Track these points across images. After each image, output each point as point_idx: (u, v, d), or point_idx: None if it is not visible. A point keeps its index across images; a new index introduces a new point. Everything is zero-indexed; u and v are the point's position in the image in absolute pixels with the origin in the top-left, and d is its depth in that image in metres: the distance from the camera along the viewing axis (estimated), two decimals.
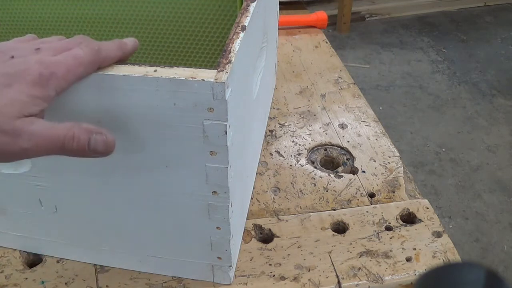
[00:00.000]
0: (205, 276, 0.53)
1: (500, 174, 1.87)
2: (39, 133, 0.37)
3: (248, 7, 0.51)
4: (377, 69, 2.48)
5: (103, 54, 0.41)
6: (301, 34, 1.00)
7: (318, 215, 0.61)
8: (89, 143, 0.39)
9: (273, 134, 0.74)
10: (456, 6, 3.01)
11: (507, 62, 2.53)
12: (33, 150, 0.37)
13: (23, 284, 0.53)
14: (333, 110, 0.79)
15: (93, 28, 0.67)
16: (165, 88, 0.40)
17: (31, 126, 0.37)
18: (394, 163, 0.69)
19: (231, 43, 0.44)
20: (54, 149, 0.38)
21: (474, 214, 1.72)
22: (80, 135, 0.38)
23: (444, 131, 2.08)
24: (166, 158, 0.45)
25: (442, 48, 2.65)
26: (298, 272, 0.54)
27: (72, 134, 0.38)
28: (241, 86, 0.48)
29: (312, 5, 2.54)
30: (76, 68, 0.39)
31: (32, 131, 0.37)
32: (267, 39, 0.65)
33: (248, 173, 0.61)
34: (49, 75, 0.38)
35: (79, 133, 0.38)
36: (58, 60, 0.39)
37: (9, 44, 0.42)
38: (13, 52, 0.40)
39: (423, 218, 0.61)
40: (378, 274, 0.54)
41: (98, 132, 0.39)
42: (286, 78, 0.87)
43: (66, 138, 0.38)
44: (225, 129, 0.41)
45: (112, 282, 0.53)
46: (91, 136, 0.39)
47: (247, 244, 0.58)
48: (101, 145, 0.39)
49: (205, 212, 0.47)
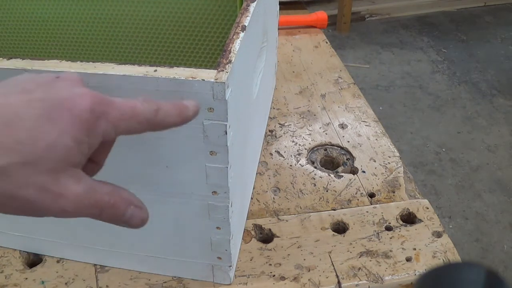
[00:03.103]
0: (205, 276, 0.53)
1: (500, 174, 1.87)
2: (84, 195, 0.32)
3: (248, 7, 0.51)
4: (377, 69, 2.48)
5: (160, 116, 0.35)
6: (301, 34, 1.00)
7: (318, 215, 0.61)
8: (125, 214, 0.34)
9: (273, 134, 0.74)
10: (456, 6, 3.01)
11: (507, 62, 2.53)
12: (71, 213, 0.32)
13: (23, 284, 0.53)
14: (333, 110, 0.79)
15: (93, 28, 0.67)
16: (165, 88, 0.40)
17: (77, 185, 0.31)
18: (394, 163, 0.69)
19: (231, 43, 0.44)
20: (91, 214, 0.33)
21: (474, 214, 1.72)
22: (120, 205, 0.34)
23: (444, 131, 2.08)
24: (166, 158, 0.45)
25: (442, 48, 2.65)
26: (298, 272, 0.54)
27: (113, 203, 0.33)
28: (241, 86, 0.48)
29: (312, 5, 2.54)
30: (129, 118, 0.33)
31: (78, 193, 0.31)
32: (267, 39, 0.65)
33: (248, 173, 0.61)
34: (100, 113, 0.32)
35: (119, 203, 0.34)
36: (112, 100, 0.33)
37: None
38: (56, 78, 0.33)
39: (423, 218, 0.61)
40: (378, 274, 0.54)
41: (138, 206, 0.35)
42: (286, 78, 0.87)
43: (106, 206, 0.33)
44: (225, 129, 0.41)
45: (112, 282, 0.53)
46: (129, 207, 0.34)
47: (247, 244, 0.58)
48: (137, 220, 0.35)
49: (205, 212, 0.47)
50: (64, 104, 0.31)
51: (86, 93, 0.32)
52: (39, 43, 0.71)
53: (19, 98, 0.30)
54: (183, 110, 0.36)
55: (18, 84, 0.32)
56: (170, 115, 0.35)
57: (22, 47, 0.71)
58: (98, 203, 0.33)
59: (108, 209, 0.33)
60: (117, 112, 0.32)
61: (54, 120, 0.30)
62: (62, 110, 0.30)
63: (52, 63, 0.42)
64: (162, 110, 0.35)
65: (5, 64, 0.42)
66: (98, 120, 0.31)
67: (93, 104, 0.31)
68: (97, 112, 0.31)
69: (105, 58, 0.69)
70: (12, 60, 0.42)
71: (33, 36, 0.70)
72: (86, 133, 0.31)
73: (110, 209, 0.33)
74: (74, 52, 0.70)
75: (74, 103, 0.31)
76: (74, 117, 0.30)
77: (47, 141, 0.30)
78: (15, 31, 0.70)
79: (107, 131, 0.32)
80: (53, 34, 0.69)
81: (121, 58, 0.69)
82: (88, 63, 0.41)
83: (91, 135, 0.31)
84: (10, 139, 0.29)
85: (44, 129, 0.30)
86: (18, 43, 0.71)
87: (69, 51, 0.70)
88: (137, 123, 0.34)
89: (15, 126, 0.29)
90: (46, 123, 0.30)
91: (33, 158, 0.29)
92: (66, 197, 0.31)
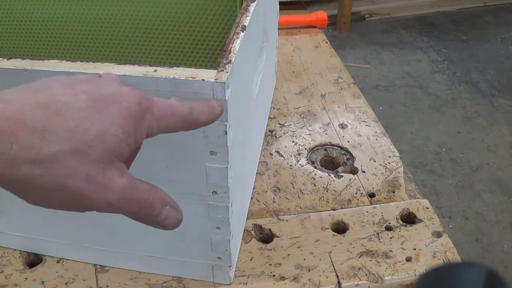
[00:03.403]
0: (205, 276, 0.53)
1: (500, 174, 1.87)
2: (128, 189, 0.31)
3: (248, 7, 0.51)
4: (377, 69, 2.48)
5: (194, 114, 0.36)
6: (301, 34, 1.00)
7: (318, 215, 0.61)
8: (160, 215, 0.34)
9: (273, 134, 0.74)
10: (456, 6, 3.01)
11: (507, 62, 2.53)
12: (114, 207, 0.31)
13: (23, 284, 0.53)
14: (333, 110, 0.79)
15: (93, 28, 0.67)
16: (165, 88, 0.40)
17: (122, 178, 0.31)
18: (394, 163, 0.69)
19: (231, 43, 0.44)
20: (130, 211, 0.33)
21: (474, 214, 1.72)
22: (156, 204, 0.34)
23: (444, 131, 2.08)
24: (166, 158, 0.45)
25: (442, 48, 2.65)
26: (298, 272, 0.54)
27: (150, 201, 0.33)
28: (241, 86, 0.48)
29: (312, 5, 2.54)
30: (170, 116, 0.34)
31: (123, 186, 0.31)
32: (267, 39, 0.65)
33: (248, 173, 0.61)
34: (146, 108, 0.32)
35: (156, 202, 0.34)
36: (153, 99, 0.33)
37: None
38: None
39: (423, 218, 0.61)
40: (378, 274, 0.54)
41: (174, 206, 0.35)
42: (286, 78, 0.87)
43: (145, 205, 0.33)
44: (225, 129, 0.41)
45: (112, 282, 0.53)
46: (165, 207, 0.34)
47: (247, 244, 0.58)
48: (173, 221, 0.35)
49: (205, 212, 0.47)
50: (112, 97, 0.31)
51: (131, 90, 0.32)
52: (39, 43, 0.71)
53: (65, 91, 0.31)
54: (212, 109, 0.38)
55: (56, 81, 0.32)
56: (202, 113, 0.37)
57: (22, 47, 0.71)
58: (139, 200, 0.32)
59: (146, 208, 0.33)
60: (159, 109, 0.33)
61: (103, 111, 0.30)
62: (110, 103, 0.31)
63: (52, 63, 0.42)
64: (195, 109, 0.36)
65: (5, 64, 0.42)
66: (145, 114, 0.32)
67: (139, 99, 0.32)
68: (144, 107, 0.32)
69: (105, 58, 0.69)
70: (12, 60, 0.42)
71: (33, 36, 0.70)
72: (134, 126, 0.31)
73: (148, 208, 0.33)
74: (74, 52, 0.70)
75: (122, 97, 0.31)
76: (123, 109, 0.31)
77: (96, 130, 0.30)
78: (15, 31, 0.70)
79: (152, 126, 0.33)
80: (53, 34, 0.69)
81: (121, 58, 0.69)
82: (88, 63, 0.41)
83: (138, 129, 0.32)
84: (61, 127, 0.29)
85: (93, 119, 0.30)
86: (18, 43, 0.71)
87: (69, 51, 0.70)
88: (176, 121, 0.34)
89: (65, 115, 0.29)
90: (95, 114, 0.30)
91: (83, 147, 0.29)
92: (112, 189, 0.31)
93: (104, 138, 0.30)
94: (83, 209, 0.32)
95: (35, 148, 0.28)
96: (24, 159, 0.28)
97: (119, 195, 0.31)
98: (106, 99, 0.31)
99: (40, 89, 0.31)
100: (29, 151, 0.28)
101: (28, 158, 0.28)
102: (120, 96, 0.31)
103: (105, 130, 0.30)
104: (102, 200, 0.31)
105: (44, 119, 0.29)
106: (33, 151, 0.28)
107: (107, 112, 0.30)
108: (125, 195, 0.31)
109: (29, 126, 0.29)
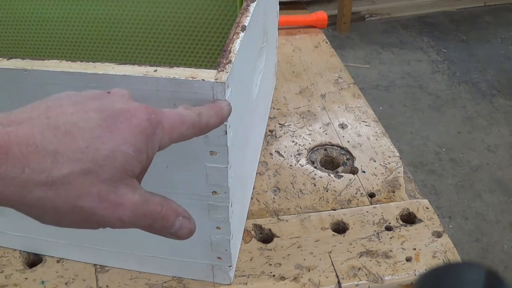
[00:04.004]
0: (205, 276, 0.53)
1: (500, 174, 1.87)
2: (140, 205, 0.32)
3: (248, 7, 0.51)
4: (377, 69, 2.48)
5: (204, 119, 0.36)
6: (301, 34, 1.00)
7: (318, 215, 0.61)
8: (174, 226, 0.34)
9: (273, 134, 0.74)
10: (456, 6, 3.01)
11: (507, 62, 2.53)
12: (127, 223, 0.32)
13: (23, 284, 0.53)
14: (333, 110, 0.79)
15: (93, 28, 0.67)
16: (165, 88, 0.40)
17: (134, 195, 0.31)
18: (394, 163, 0.69)
19: (231, 43, 0.44)
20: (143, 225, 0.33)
21: (474, 214, 1.72)
22: (169, 217, 0.34)
23: (444, 131, 2.08)
24: (166, 158, 0.45)
25: (442, 48, 2.65)
26: (298, 272, 0.54)
27: (163, 214, 0.33)
28: (241, 86, 0.48)
29: (312, 5, 2.54)
30: (180, 125, 0.34)
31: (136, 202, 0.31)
32: (267, 39, 0.65)
33: (248, 173, 0.61)
34: (156, 123, 0.32)
35: (168, 214, 0.34)
36: (162, 111, 0.33)
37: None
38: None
39: (423, 218, 0.61)
40: (378, 274, 0.54)
41: (186, 216, 0.35)
42: (286, 78, 0.87)
43: (157, 217, 0.33)
44: (225, 129, 0.41)
45: (112, 282, 0.53)
46: (177, 219, 0.34)
47: (247, 244, 0.58)
48: (186, 232, 0.35)
49: (205, 212, 0.47)
50: (122, 115, 0.31)
51: (140, 105, 0.32)
52: (39, 43, 0.71)
53: (75, 109, 0.31)
54: (219, 111, 0.38)
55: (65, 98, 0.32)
56: (211, 117, 0.37)
57: (22, 47, 0.71)
58: (152, 213, 0.33)
59: (159, 221, 0.33)
60: (169, 121, 0.33)
61: (113, 129, 0.30)
62: (120, 120, 0.31)
63: (52, 63, 0.42)
64: (203, 114, 0.36)
65: (5, 64, 0.42)
66: (155, 129, 0.32)
67: (149, 114, 0.32)
68: (154, 121, 0.32)
69: (105, 58, 0.69)
70: (12, 60, 0.42)
71: (33, 36, 0.70)
72: (145, 142, 0.31)
73: (161, 220, 0.33)
74: (74, 52, 0.70)
75: (131, 113, 0.31)
76: (133, 126, 0.31)
77: (107, 150, 0.30)
78: (15, 31, 0.70)
79: (163, 139, 0.33)
80: (53, 34, 0.69)
81: (121, 58, 0.69)
82: (88, 63, 0.41)
83: (150, 144, 0.32)
84: (71, 148, 0.29)
85: (103, 138, 0.30)
86: (18, 43, 0.71)
87: (69, 51, 0.70)
88: (187, 128, 0.34)
89: (75, 135, 0.30)
90: (105, 132, 0.30)
91: (94, 167, 0.30)
92: (124, 206, 0.31)
93: (115, 157, 0.30)
94: (96, 227, 0.32)
95: (46, 170, 0.29)
96: (36, 182, 0.29)
97: (132, 212, 0.31)
98: (116, 116, 0.31)
99: (51, 108, 0.31)
100: (40, 174, 0.29)
101: (39, 181, 0.29)
102: (130, 113, 0.31)
103: (116, 148, 0.30)
104: (115, 218, 0.31)
105: (54, 141, 0.29)
106: (44, 174, 0.29)
107: (118, 130, 0.30)
108: (138, 211, 0.32)
109: (40, 148, 0.29)
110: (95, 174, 0.30)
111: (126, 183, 0.31)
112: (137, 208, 0.32)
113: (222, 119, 0.38)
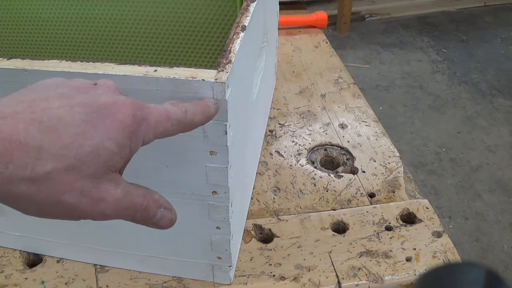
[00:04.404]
0: (205, 276, 0.53)
1: (500, 174, 1.87)
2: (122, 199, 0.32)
3: (248, 7, 0.51)
4: (377, 69, 2.48)
5: (189, 116, 0.36)
6: (301, 34, 1.00)
7: (318, 215, 0.61)
8: (155, 216, 0.35)
9: (273, 134, 0.74)
10: (456, 6, 3.01)
11: (507, 62, 2.53)
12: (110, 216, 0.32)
13: (23, 284, 0.53)
14: (333, 110, 0.79)
15: (93, 28, 0.67)
16: (165, 88, 0.40)
17: (116, 189, 0.32)
18: (394, 163, 0.69)
19: (231, 43, 0.44)
20: (126, 217, 0.34)
21: (474, 214, 1.71)
22: (151, 208, 0.35)
23: (444, 131, 2.08)
24: (166, 158, 0.45)
25: (442, 48, 2.65)
26: (298, 272, 0.54)
27: (146, 205, 0.34)
28: (241, 86, 0.48)
29: (312, 5, 2.53)
30: (165, 121, 0.34)
31: (118, 197, 0.32)
32: (267, 39, 0.65)
33: (248, 173, 0.61)
34: (141, 119, 0.32)
35: (151, 205, 0.35)
36: (148, 106, 0.34)
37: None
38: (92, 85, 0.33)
39: (423, 218, 0.61)
40: (378, 274, 0.54)
41: (168, 208, 0.36)
42: (286, 78, 0.87)
43: (140, 209, 0.34)
44: (225, 129, 0.41)
45: (112, 282, 0.53)
46: (159, 210, 0.35)
47: (247, 244, 0.58)
48: (167, 222, 0.36)
49: (205, 212, 0.47)
50: (107, 110, 0.31)
51: (126, 100, 0.32)
52: (39, 43, 0.71)
53: (61, 103, 0.31)
54: (206, 109, 0.38)
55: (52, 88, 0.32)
56: (197, 114, 0.37)
57: (22, 47, 0.71)
58: (134, 205, 0.33)
59: (141, 211, 0.34)
60: (155, 116, 0.33)
61: (98, 125, 0.30)
62: (105, 116, 0.31)
63: (52, 63, 0.42)
64: (189, 111, 0.36)
65: (5, 64, 0.42)
66: (140, 125, 0.32)
67: (134, 110, 0.32)
68: (139, 117, 0.32)
69: (105, 58, 0.69)
70: (12, 60, 0.42)
71: (33, 36, 0.70)
72: (129, 138, 0.32)
73: (142, 211, 0.34)
74: (74, 52, 0.70)
75: (116, 108, 0.31)
76: (117, 122, 0.31)
77: (91, 146, 0.30)
78: (15, 31, 0.70)
79: (147, 135, 0.33)
80: (53, 34, 0.69)
81: (121, 58, 0.69)
82: (88, 63, 0.41)
83: (133, 140, 0.32)
84: (55, 144, 0.29)
85: (88, 134, 0.30)
86: (18, 43, 0.71)
87: (69, 51, 0.70)
88: (171, 125, 0.35)
89: (59, 131, 0.30)
90: (89, 128, 0.30)
91: (77, 163, 0.30)
92: (106, 201, 0.32)
93: (98, 153, 0.30)
94: (78, 219, 0.33)
95: (30, 166, 0.29)
96: (20, 178, 0.29)
97: (113, 205, 0.32)
98: (101, 111, 0.31)
99: (36, 101, 0.31)
100: (24, 170, 0.29)
101: (23, 177, 0.29)
102: (115, 108, 0.31)
103: (99, 145, 0.30)
104: (97, 212, 0.32)
105: (38, 137, 0.29)
106: (28, 170, 0.29)
107: (102, 126, 0.31)
108: (120, 205, 0.32)
109: (24, 144, 0.29)
110: (78, 170, 0.30)
111: (108, 178, 0.31)
112: (119, 202, 0.32)
113: (208, 117, 0.38)
